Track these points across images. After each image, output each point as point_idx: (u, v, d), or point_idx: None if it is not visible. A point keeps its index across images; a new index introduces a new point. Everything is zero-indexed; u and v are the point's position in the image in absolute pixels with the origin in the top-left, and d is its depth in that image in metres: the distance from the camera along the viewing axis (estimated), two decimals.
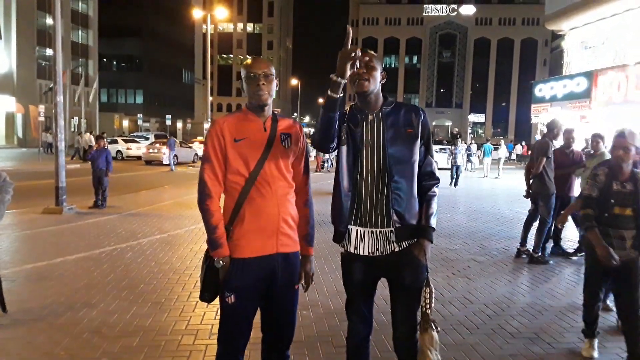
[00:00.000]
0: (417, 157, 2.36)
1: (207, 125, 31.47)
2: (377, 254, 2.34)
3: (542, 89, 22.16)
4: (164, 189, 14.42)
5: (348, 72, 2.12)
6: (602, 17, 20.04)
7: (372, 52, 2.35)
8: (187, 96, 69.77)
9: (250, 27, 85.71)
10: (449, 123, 72.72)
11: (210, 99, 33.09)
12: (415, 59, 77.29)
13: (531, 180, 6.54)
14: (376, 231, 2.33)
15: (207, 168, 2.23)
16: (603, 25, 20.33)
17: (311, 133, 2.45)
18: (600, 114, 18.60)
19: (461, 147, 19.34)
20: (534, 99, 22.60)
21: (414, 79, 75.61)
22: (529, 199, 6.74)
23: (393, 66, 75.18)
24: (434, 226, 2.37)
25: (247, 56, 76.66)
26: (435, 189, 2.42)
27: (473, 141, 32.01)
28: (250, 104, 2.30)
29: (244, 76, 2.27)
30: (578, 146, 7.40)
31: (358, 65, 2.16)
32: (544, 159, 6.30)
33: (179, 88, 66.85)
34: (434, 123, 70.46)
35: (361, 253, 2.35)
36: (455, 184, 16.98)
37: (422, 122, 2.37)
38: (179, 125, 56.69)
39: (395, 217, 2.30)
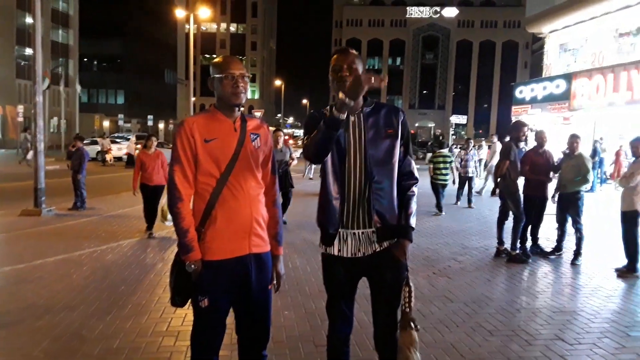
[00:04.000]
0: (397, 157, 2.38)
1: None
2: (359, 254, 2.35)
3: (522, 91, 22.53)
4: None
5: (360, 97, 2.12)
6: (581, 20, 20.45)
7: (355, 52, 2.36)
8: (170, 97, 69.14)
9: (233, 27, 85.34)
10: (431, 124, 73.31)
11: (193, 99, 32.83)
12: (398, 60, 77.80)
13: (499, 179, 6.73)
14: (358, 232, 2.34)
15: (177, 170, 2.19)
16: (582, 28, 20.74)
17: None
18: (579, 115, 18.96)
19: (473, 151, 12.73)
20: (515, 100, 22.97)
21: (397, 80, 76.01)
22: (499, 197, 6.92)
23: (376, 67, 75.49)
24: (413, 226, 2.40)
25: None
26: (414, 189, 2.45)
27: (484, 142, 23.62)
28: (220, 104, 2.28)
29: (218, 76, 2.23)
30: (552, 147, 7.56)
31: (375, 80, 2.10)
32: (507, 162, 6.52)
33: (161, 88, 66.21)
34: (416, 124, 70.96)
35: (344, 255, 2.36)
36: (469, 202, 11.90)
37: (401, 122, 2.39)
38: (161, 126, 56.15)
39: (376, 218, 2.32)
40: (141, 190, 7.69)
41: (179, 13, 45.66)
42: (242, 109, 2.36)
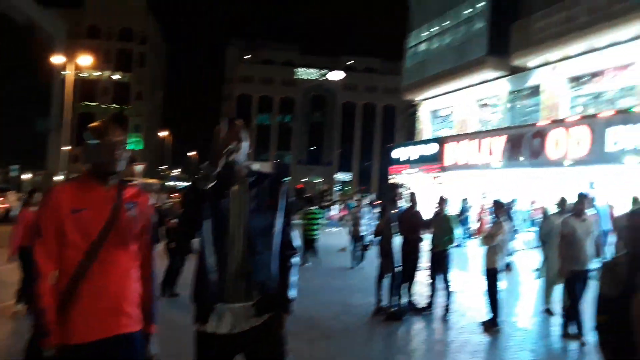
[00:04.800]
0: (278, 228, 2.33)
1: (59, 178, 28.85)
2: (236, 330, 2.22)
3: (399, 152, 24.25)
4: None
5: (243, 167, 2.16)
6: (449, 91, 22.85)
7: (241, 122, 2.31)
8: (40, 145, 63.61)
9: (118, 75, 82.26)
10: (318, 180, 75.56)
11: (69, 148, 30.55)
12: (288, 117, 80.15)
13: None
14: (237, 306, 2.22)
15: (38, 244, 2.00)
16: (450, 98, 23.15)
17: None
18: (449, 175, 20.76)
19: (365, 209, 11.97)
20: (392, 161, 24.63)
21: (286, 136, 77.97)
22: (381, 255, 7.19)
23: (267, 123, 76.96)
24: (293, 297, 2.35)
25: (115, 105, 73.02)
26: (294, 259, 2.42)
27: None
28: (94, 170, 2.12)
29: (93, 142, 2.09)
30: (424, 207, 8.10)
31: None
32: (383, 221, 6.99)
33: (30, 136, 60.77)
34: (304, 180, 72.65)
35: (220, 332, 2.21)
36: (360, 261, 11.37)
37: (284, 192, 2.37)
38: (28, 176, 51.07)
39: (256, 290, 2.23)
40: (20, 256, 6.07)
41: (57, 59, 42.94)
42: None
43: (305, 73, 78.31)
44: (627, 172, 13.35)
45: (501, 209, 6.66)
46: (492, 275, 6.30)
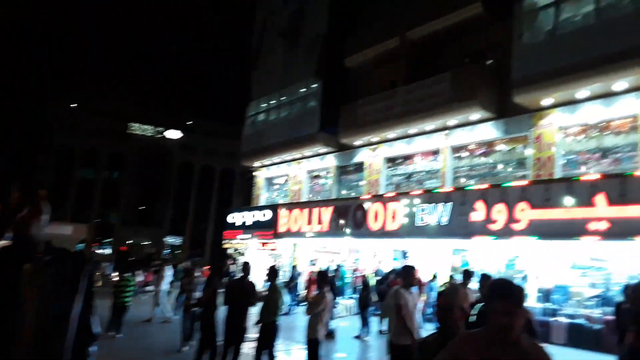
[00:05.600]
0: (75, 312, 2.10)
1: None
2: None
3: (234, 217, 24.17)
4: None
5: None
6: (284, 160, 23.88)
7: (45, 193, 2.06)
8: None
9: None
10: (147, 242, 70.89)
11: None
12: (117, 173, 74.90)
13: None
14: None
15: None
16: (284, 167, 24.16)
17: None
18: (282, 242, 21.23)
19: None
20: (227, 225, 24.41)
21: (113, 194, 72.37)
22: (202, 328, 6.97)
23: (91, 178, 70.80)
24: None
25: None
26: (92, 348, 2.20)
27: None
28: None
29: None
30: (255, 276, 8.11)
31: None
32: (208, 291, 7.04)
33: None
34: (130, 241, 67.60)
35: None
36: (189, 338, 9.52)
37: (85, 273, 2.16)
38: None
39: None
40: None
41: None
42: None
43: (139, 128, 74.97)
44: (435, 246, 15.21)
45: (324, 280, 6.96)
46: (313, 345, 6.45)
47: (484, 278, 6.32)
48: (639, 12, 11.41)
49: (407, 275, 6.02)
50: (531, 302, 12.26)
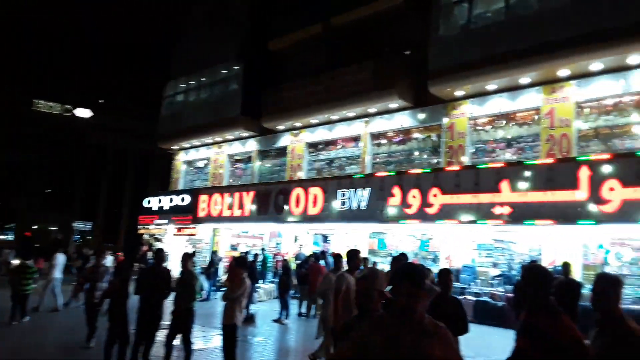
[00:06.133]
0: None
1: None
2: None
3: (151, 201, 23.24)
4: None
5: None
6: (205, 143, 23.25)
7: None
8: None
9: None
10: (54, 228, 66.44)
11: None
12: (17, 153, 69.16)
13: None
14: None
15: None
16: (205, 151, 23.53)
17: None
18: (201, 228, 20.76)
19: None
20: (143, 210, 23.43)
21: (17, 176, 66.88)
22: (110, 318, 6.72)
23: None
24: None
25: None
26: None
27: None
28: None
29: None
30: (172, 264, 7.88)
31: None
32: (117, 280, 6.76)
33: None
34: (35, 227, 63.09)
35: None
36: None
37: None
38: None
39: None
40: None
41: None
42: None
43: (46, 106, 69.53)
44: (356, 230, 15.60)
45: (243, 265, 6.90)
46: (230, 330, 6.39)
47: (395, 260, 6.58)
48: (544, 11, 12.26)
49: (351, 258, 6.10)
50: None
